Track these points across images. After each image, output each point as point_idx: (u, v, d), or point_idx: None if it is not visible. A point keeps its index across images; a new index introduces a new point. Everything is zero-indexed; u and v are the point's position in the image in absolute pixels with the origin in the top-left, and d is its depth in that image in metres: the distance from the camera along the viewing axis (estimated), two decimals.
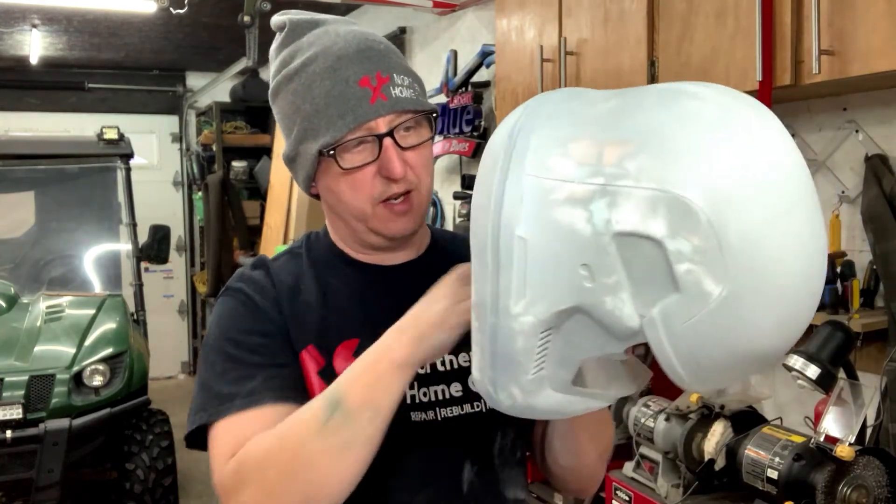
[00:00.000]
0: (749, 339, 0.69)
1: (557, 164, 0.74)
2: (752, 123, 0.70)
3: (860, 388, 1.64)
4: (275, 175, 5.72)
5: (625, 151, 0.70)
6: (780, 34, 1.71)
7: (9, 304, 3.90)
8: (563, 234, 0.73)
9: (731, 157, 0.68)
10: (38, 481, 3.38)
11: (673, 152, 0.68)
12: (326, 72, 1.00)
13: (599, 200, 0.70)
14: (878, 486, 1.54)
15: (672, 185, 0.67)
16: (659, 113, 0.71)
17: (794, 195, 0.69)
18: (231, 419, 0.96)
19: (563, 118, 0.78)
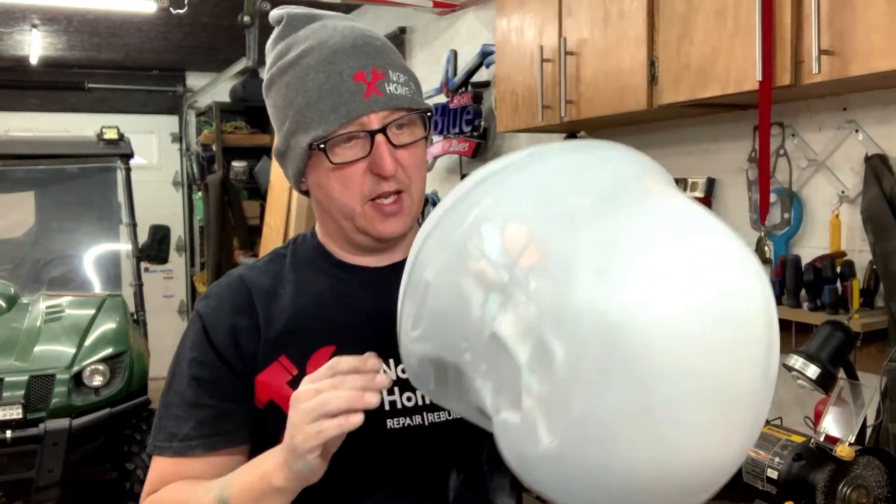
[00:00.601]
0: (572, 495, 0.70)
1: (488, 237, 0.73)
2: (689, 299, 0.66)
3: (860, 388, 1.64)
4: (275, 175, 5.72)
5: (538, 264, 0.70)
6: (780, 34, 1.71)
7: (9, 304, 3.90)
8: (460, 302, 0.74)
9: (616, 336, 0.65)
10: (38, 481, 3.38)
11: (568, 297, 0.67)
12: (321, 65, 0.99)
13: (497, 294, 0.71)
14: (878, 485, 1.54)
15: (548, 326, 0.67)
16: (600, 249, 0.68)
17: (681, 413, 0.66)
18: (163, 460, 1.04)
19: (535, 192, 0.76)
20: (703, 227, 0.73)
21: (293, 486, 0.89)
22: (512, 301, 0.70)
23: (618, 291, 0.66)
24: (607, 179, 0.76)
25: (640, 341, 0.65)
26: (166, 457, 1.03)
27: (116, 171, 4.67)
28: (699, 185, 2.38)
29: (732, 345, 0.68)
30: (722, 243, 0.72)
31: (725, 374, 0.68)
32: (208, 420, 1.02)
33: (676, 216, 0.73)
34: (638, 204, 0.73)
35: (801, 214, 2.09)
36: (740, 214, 2.28)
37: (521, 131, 2.92)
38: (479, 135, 3.40)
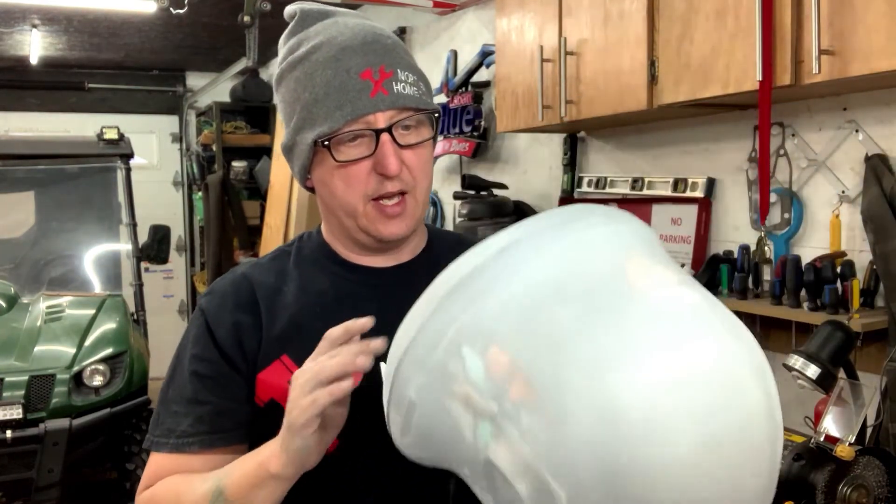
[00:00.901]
0: None
1: (470, 360, 0.70)
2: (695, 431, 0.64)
3: (860, 388, 1.63)
4: (275, 175, 5.72)
5: (527, 400, 0.66)
6: (780, 34, 1.71)
7: (9, 304, 3.90)
8: (450, 423, 0.72)
9: (617, 481, 0.63)
10: (39, 481, 3.38)
11: (564, 440, 0.64)
12: (329, 61, 0.99)
13: (488, 423, 0.69)
14: (878, 485, 1.54)
15: (548, 468, 0.65)
16: (586, 376, 0.65)
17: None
18: (160, 455, 1.03)
19: (513, 308, 0.70)
20: (689, 331, 0.68)
21: (290, 471, 0.88)
22: (504, 434, 0.67)
23: (615, 432, 0.63)
24: (589, 276, 0.71)
25: (643, 483, 0.62)
26: (163, 452, 1.03)
27: (116, 171, 4.67)
28: (699, 184, 2.38)
29: (738, 459, 0.66)
30: (712, 346, 0.68)
31: (733, 492, 0.66)
32: (206, 417, 1.01)
33: (663, 322, 0.68)
34: (616, 310, 0.68)
35: (802, 214, 2.09)
36: (740, 214, 2.28)
37: (521, 131, 2.92)
38: (480, 135, 3.40)
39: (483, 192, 3.16)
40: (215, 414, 1.02)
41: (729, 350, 0.69)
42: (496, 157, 3.48)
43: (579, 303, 0.69)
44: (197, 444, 1.01)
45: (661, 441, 0.62)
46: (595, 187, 2.82)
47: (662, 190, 2.53)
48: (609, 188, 2.76)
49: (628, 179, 2.67)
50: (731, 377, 0.67)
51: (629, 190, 2.65)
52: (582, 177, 2.90)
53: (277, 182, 5.62)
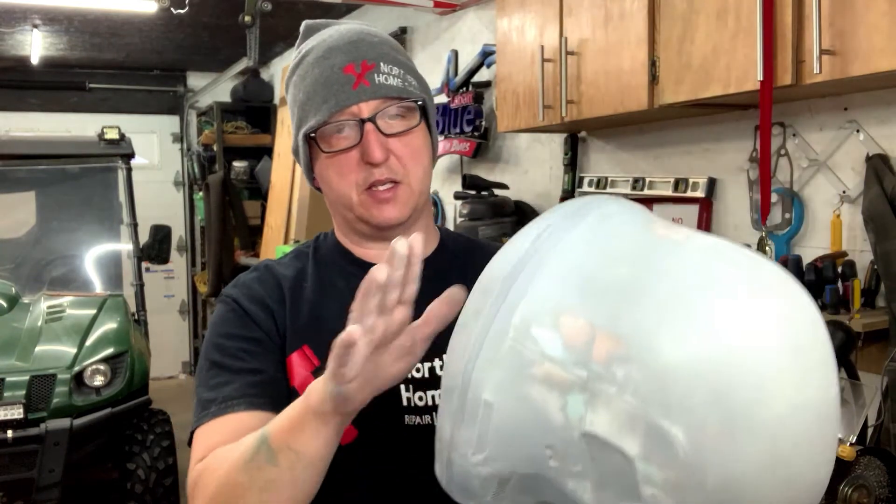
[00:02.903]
0: None
1: (544, 337, 0.68)
2: (776, 359, 0.65)
3: (861, 388, 1.63)
4: (276, 175, 5.72)
5: (616, 352, 0.65)
6: (781, 34, 1.71)
7: (10, 304, 3.90)
8: (534, 413, 0.68)
9: (729, 394, 0.63)
10: (40, 481, 3.38)
11: (665, 374, 0.63)
12: (318, 61, 1.04)
13: (578, 395, 0.66)
14: (879, 486, 1.54)
15: (656, 411, 0.63)
16: (669, 311, 0.65)
17: (801, 442, 0.65)
18: (207, 425, 0.98)
19: (571, 278, 0.70)
20: (739, 259, 0.71)
21: (328, 410, 0.81)
22: (601, 397, 0.65)
23: (714, 347, 0.63)
24: (627, 239, 0.73)
25: (755, 390, 0.63)
26: (207, 422, 0.98)
27: (117, 171, 4.67)
28: (700, 184, 2.38)
29: (821, 365, 0.68)
30: (767, 268, 0.71)
31: (823, 393, 0.68)
32: (255, 383, 0.99)
33: (713, 256, 0.71)
34: (668, 255, 0.70)
35: (803, 214, 2.09)
36: (741, 214, 2.28)
37: (521, 131, 2.92)
38: (480, 135, 3.40)
39: (484, 192, 3.16)
40: (265, 382, 1.00)
41: (777, 268, 0.72)
42: (497, 157, 3.48)
43: (631, 260, 0.70)
44: (244, 404, 0.97)
45: (756, 349, 0.64)
46: (596, 187, 2.82)
47: (663, 190, 2.53)
48: (610, 188, 2.76)
49: (629, 179, 2.67)
50: (792, 289, 0.70)
51: (630, 190, 2.65)
52: (583, 177, 2.90)
53: (278, 182, 5.62)
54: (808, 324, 0.69)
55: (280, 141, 5.74)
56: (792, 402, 0.65)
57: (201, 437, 0.99)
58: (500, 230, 2.95)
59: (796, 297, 0.70)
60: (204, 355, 1.06)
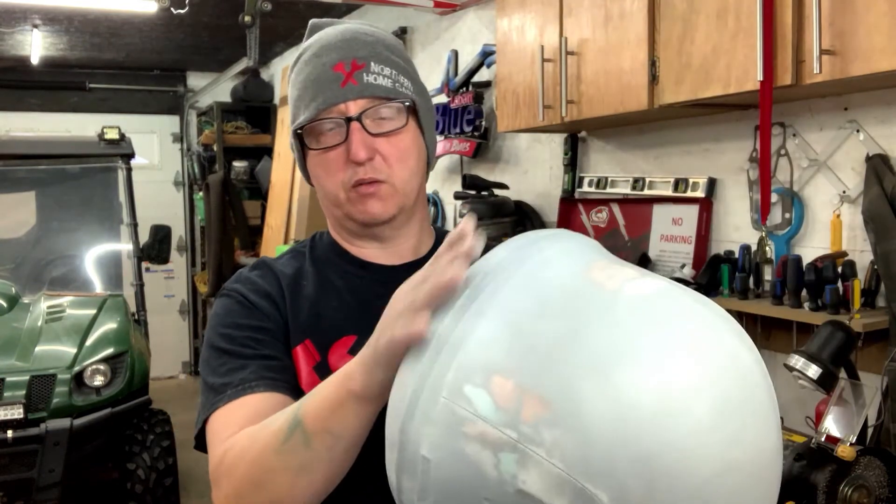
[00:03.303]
0: None
1: (476, 398, 0.69)
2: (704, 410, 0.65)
3: (861, 388, 1.64)
4: (276, 175, 5.72)
5: (543, 415, 0.66)
6: (781, 34, 1.71)
7: (10, 304, 3.90)
8: (470, 468, 0.69)
9: (651, 460, 0.63)
10: (40, 481, 3.38)
11: (588, 439, 0.64)
12: (311, 59, 1.05)
13: (509, 454, 0.67)
14: (879, 486, 1.54)
15: (582, 475, 0.64)
16: (593, 374, 0.66)
17: (733, 502, 0.66)
18: (225, 408, 0.96)
19: (501, 337, 0.70)
20: (671, 311, 0.71)
21: (373, 388, 0.80)
22: (529, 458, 0.66)
23: (635, 413, 0.64)
24: (563, 289, 0.73)
25: (678, 454, 0.64)
26: (223, 405, 0.95)
27: (117, 171, 4.67)
28: (700, 184, 2.38)
29: (754, 420, 0.68)
30: (699, 320, 0.71)
31: (757, 448, 0.68)
32: (272, 367, 0.99)
33: (641, 311, 0.70)
34: (599, 310, 0.70)
35: (803, 214, 2.09)
36: (741, 214, 2.28)
37: (521, 131, 2.92)
38: (480, 135, 3.40)
39: (484, 192, 3.16)
40: (280, 368, 1.00)
41: (709, 319, 0.72)
42: (497, 157, 3.48)
43: (562, 314, 0.71)
44: (263, 385, 0.96)
45: (677, 412, 0.64)
46: (596, 187, 2.82)
47: (663, 190, 2.53)
48: (610, 188, 2.76)
49: (629, 179, 2.67)
50: (721, 343, 0.70)
51: (630, 190, 2.65)
52: (583, 177, 2.90)
53: (278, 182, 5.62)
54: (739, 378, 0.69)
55: (280, 141, 5.74)
56: (719, 465, 0.65)
57: (219, 419, 0.96)
58: (501, 230, 2.95)
59: (729, 350, 0.70)
60: (209, 345, 1.04)
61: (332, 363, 1.02)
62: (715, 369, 0.68)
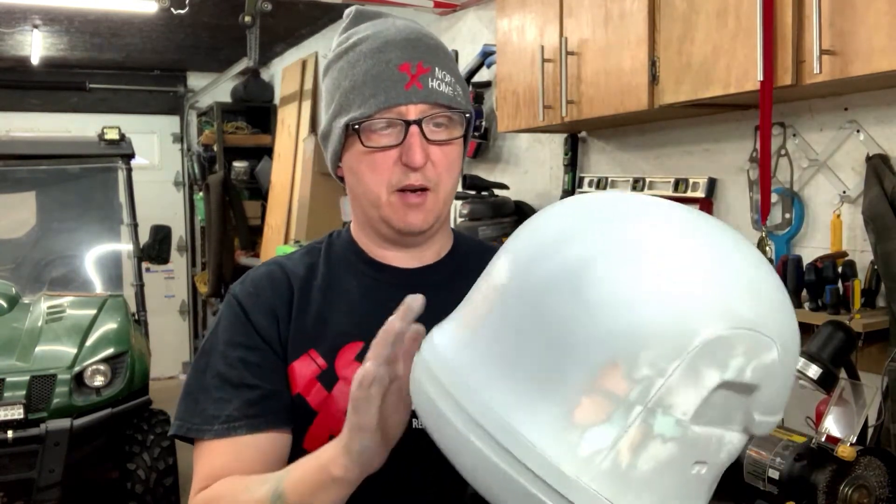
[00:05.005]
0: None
1: (587, 441, 0.64)
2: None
3: (861, 389, 1.63)
4: (276, 175, 5.72)
5: (622, 371, 0.64)
6: (782, 34, 1.71)
7: (10, 305, 3.90)
8: (659, 471, 0.66)
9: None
10: (40, 481, 3.38)
11: (647, 334, 0.64)
12: (371, 52, 1.02)
13: (654, 419, 0.64)
14: (879, 486, 1.54)
15: (686, 345, 0.63)
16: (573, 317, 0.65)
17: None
18: (208, 444, 1.00)
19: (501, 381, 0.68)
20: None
21: (353, 475, 0.85)
22: (662, 397, 0.64)
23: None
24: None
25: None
26: (206, 439, 1.00)
27: (117, 172, 4.67)
28: (700, 185, 2.38)
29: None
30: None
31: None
32: (254, 401, 1.01)
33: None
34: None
35: (803, 214, 2.09)
36: (741, 214, 2.28)
37: (522, 131, 2.92)
38: (481, 135, 3.41)
39: (484, 193, 3.16)
40: (264, 397, 1.01)
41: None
42: (497, 157, 3.48)
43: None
44: (245, 427, 0.99)
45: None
46: (596, 187, 2.82)
47: (663, 190, 2.53)
48: (610, 188, 2.76)
49: (629, 179, 2.67)
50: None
51: (630, 190, 2.66)
52: (583, 177, 2.90)
53: (278, 182, 5.62)
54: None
55: (280, 141, 5.74)
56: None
57: (204, 455, 1.01)
58: (501, 230, 2.95)
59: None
60: (207, 353, 1.06)
61: (338, 370, 1.03)
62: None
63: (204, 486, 0.99)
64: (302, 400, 1.03)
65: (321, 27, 5.15)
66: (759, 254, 0.74)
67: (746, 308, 0.66)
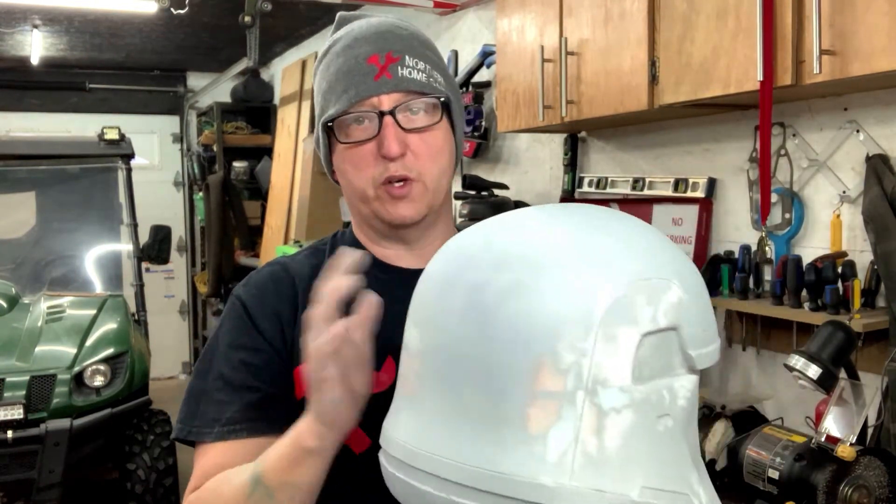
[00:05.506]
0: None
1: (551, 446, 0.65)
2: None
3: (861, 389, 1.64)
4: (276, 175, 5.72)
5: (550, 368, 0.66)
6: (781, 34, 1.70)
7: (10, 305, 3.90)
8: (628, 441, 0.67)
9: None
10: (40, 481, 3.38)
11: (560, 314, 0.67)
12: (343, 50, 1.02)
13: (598, 397, 0.66)
14: (879, 486, 1.54)
15: (592, 318, 0.66)
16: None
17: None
18: (207, 446, 1.00)
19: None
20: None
21: (327, 442, 0.86)
22: (595, 374, 0.66)
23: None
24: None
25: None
26: (206, 442, 1.00)
27: (117, 172, 4.68)
28: (700, 185, 2.38)
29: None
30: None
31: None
32: (256, 403, 1.00)
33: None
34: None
35: (803, 214, 2.09)
36: (741, 214, 2.28)
37: (521, 131, 2.92)
38: (480, 135, 3.40)
39: (484, 193, 3.16)
40: (266, 400, 1.01)
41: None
42: (497, 157, 3.48)
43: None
44: (246, 430, 0.99)
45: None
46: (596, 187, 2.82)
47: (663, 190, 2.53)
48: (610, 188, 2.76)
49: (629, 179, 2.67)
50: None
51: (630, 190, 2.65)
52: (583, 177, 2.90)
53: (278, 182, 5.62)
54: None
55: (280, 141, 5.74)
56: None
57: (202, 457, 1.00)
58: None
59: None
60: (209, 354, 1.05)
61: None
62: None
63: (196, 486, 0.99)
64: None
65: (321, 27, 5.15)
66: (633, 219, 0.79)
67: (631, 264, 0.70)
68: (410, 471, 0.73)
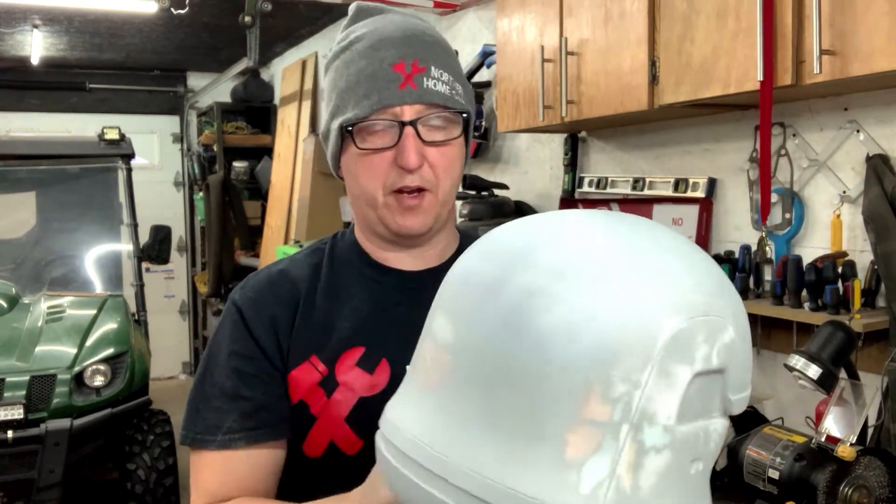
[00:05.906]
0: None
1: (586, 477, 0.61)
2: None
3: (861, 389, 1.63)
4: (276, 175, 5.72)
5: (599, 395, 0.61)
6: (782, 34, 1.70)
7: (10, 305, 3.90)
8: (662, 482, 0.64)
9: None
10: (40, 481, 3.38)
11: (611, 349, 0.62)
12: (366, 51, 1.00)
13: (642, 433, 0.62)
14: (879, 486, 1.54)
15: (652, 348, 0.62)
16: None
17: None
18: (208, 454, 1.01)
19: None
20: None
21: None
22: (644, 409, 0.62)
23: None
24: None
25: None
26: (209, 450, 1.01)
27: (117, 172, 4.68)
28: (700, 185, 2.38)
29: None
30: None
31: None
32: (250, 412, 1.01)
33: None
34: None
35: (803, 214, 2.09)
36: (741, 214, 2.28)
37: (521, 131, 2.92)
38: (481, 135, 3.40)
39: (484, 193, 3.16)
40: (259, 409, 1.02)
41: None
42: (497, 157, 3.48)
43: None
44: (243, 440, 1.00)
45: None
46: (596, 187, 2.82)
47: (663, 190, 2.53)
48: (610, 188, 2.76)
49: (629, 179, 2.67)
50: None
51: (630, 190, 2.65)
52: (583, 177, 2.90)
53: (278, 182, 5.62)
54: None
55: (280, 141, 5.74)
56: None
57: (202, 466, 1.02)
58: None
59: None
60: (207, 359, 1.06)
61: (338, 375, 1.02)
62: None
63: (206, 501, 1.00)
64: (304, 406, 1.02)
65: (321, 27, 5.15)
66: (681, 236, 0.73)
67: (693, 294, 0.65)
68: (416, 467, 0.69)
